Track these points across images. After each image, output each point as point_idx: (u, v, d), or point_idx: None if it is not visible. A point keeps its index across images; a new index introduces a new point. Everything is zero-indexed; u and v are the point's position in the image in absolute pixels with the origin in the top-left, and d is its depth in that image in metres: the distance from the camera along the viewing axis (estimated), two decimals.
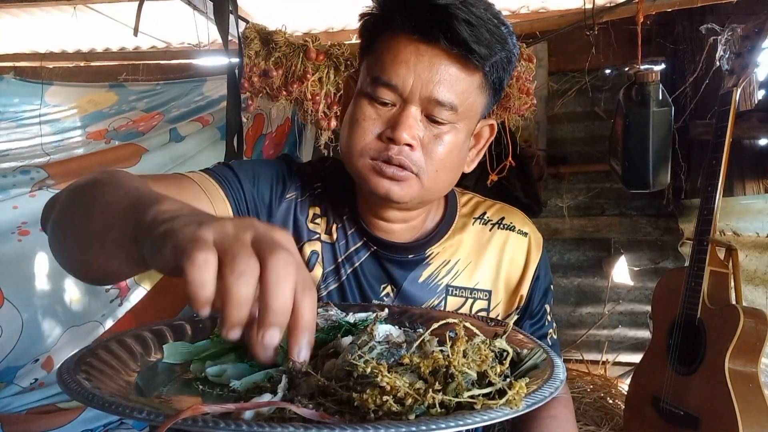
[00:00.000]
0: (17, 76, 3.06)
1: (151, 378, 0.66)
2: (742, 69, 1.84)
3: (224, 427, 0.42)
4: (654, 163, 2.17)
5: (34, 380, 2.26)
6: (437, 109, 0.81)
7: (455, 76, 0.81)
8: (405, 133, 0.80)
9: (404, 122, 0.81)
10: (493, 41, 0.80)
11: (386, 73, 0.81)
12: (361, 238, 0.97)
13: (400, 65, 0.80)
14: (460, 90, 0.81)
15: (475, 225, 1.01)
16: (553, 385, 0.54)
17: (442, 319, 0.64)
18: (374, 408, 0.46)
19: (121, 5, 2.68)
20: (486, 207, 1.04)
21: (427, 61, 0.80)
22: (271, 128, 2.81)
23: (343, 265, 0.96)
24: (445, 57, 0.80)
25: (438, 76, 0.80)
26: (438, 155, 0.84)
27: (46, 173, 2.29)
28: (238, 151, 2.13)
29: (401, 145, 0.82)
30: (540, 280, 1.02)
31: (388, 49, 0.82)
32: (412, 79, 0.80)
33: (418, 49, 0.80)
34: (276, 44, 2.29)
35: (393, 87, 0.81)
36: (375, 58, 0.84)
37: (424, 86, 0.80)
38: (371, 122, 0.83)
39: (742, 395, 1.65)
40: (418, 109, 0.82)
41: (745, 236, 2.31)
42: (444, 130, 0.84)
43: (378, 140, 0.83)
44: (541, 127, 3.23)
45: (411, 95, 0.81)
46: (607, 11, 2.33)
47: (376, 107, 0.83)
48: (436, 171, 0.85)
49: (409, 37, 0.80)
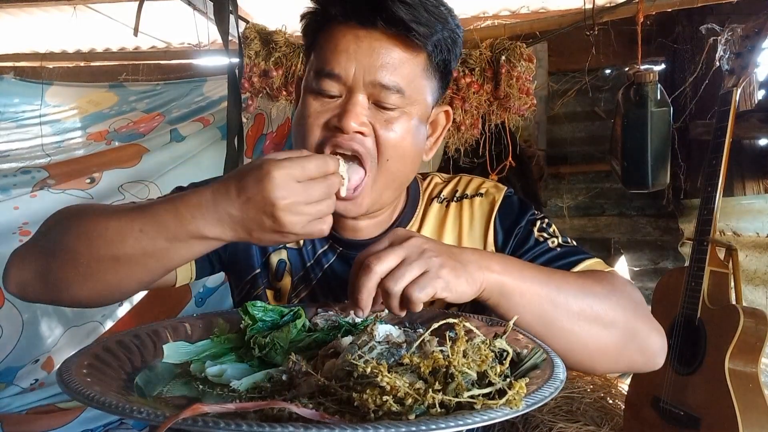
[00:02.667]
0: (17, 76, 3.06)
1: (151, 378, 0.66)
2: (742, 69, 1.84)
3: (224, 427, 0.42)
4: (653, 163, 2.17)
5: (35, 380, 2.26)
6: (384, 93, 0.80)
7: (398, 58, 0.79)
8: (352, 121, 0.79)
9: (351, 110, 0.79)
10: (432, 20, 0.78)
11: (328, 64, 0.80)
12: (327, 241, 0.97)
13: (341, 54, 0.79)
14: (405, 72, 0.80)
15: (434, 204, 0.99)
16: (553, 385, 0.54)
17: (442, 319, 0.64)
18: (374, 408, 0.46)
19: (121, 5, 2.68)
20: (442, 186, 1.02)
21: (367, 46, 0.78)
22: (271, 128, 2.81)
23: (312, 270, 0.96)
24: (386, 40, 0.79)
25: (380, 60, 0.78)
26: (390, 141, 0.82)
27: (46, 173, 2.30)
28: (239, 151, 2.13)
29: (351, 133, 0.80)
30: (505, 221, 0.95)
31: (327, 41, 0.81)
32: (354, 66, 0.79)
33: (357, 36, 0.79)
34: (276, 44, 2.29)
35: (336, 77, 0.79)
36: (317, 53, 0.83)
37: (366, 72, 0.78)
38: (318, 116, 0.82)
39: (742, 395, 1.64)
40: (365, 96, 0.80)
41: (745, 236, 2.31)
42: (394, 115, 0.82)
43: (325, 129, 0.82)
44: (541, 127, 3.23)
45: (355, 83, 0.79)
46: (607, 11, 2.33)
47: (322, 101, 0.82)
48: (388, 159, 0.83)
49: (346, 25, 0.79)
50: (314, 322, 0.78)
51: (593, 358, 0.80)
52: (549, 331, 0.75)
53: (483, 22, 2.73)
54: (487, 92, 2.29)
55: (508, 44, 2.26)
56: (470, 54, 2.28)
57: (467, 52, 2.29)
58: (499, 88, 2.25)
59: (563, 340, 0.76)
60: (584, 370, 0.83)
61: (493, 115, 2.35)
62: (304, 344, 0.72)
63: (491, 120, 2.37)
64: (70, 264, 0.73)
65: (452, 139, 2.39)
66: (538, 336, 0.75)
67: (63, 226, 0.76)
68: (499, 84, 2.25)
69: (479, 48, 2.28)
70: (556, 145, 3.36)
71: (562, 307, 0.75)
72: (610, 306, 0.78)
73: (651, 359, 0.83)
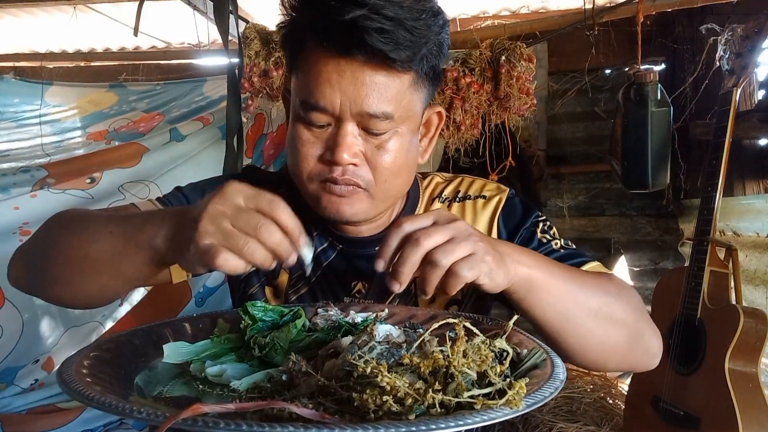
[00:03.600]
0: (17, 76, 3.06)
1: (151, 378, 0.66)
2: (742, 69, 1.84)
3: (224, 427, 0.42)
4: (653, 163, 2.17)
5: (35, 380, 2.26)
6: (372, 121, 0.78)
7: (383, 84, 0.77)
8: (345, 154, 0.78)
9: (342, 143, 0.78)
10: (414, 39, 0.74)
11: (313, 96, 0.78)
12: (327, 239, 0.97)
13: (324, 85, 0.76)
14: (392, 96, 0.78)
15: (435, 204, 1.00)
16: (553, 385, 0.54)
17: (442, 319, 0.64)
18: (374, 408, 0.46)
19: (121, 5, 2.68)
20: (444, 185, 1.02)
21: (350, 76, 0.76)
22: (271, 128, 2.81)
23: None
24: (368, 68, 0.76)
25: (365, 89, 0.76)
26: (384, 165, 0.81)
27: (46, 172, 2.29)
28: (239, 151, 2.13)
29: (345, 166, 0.79)
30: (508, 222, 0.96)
31: (308, 70, 0.79)
32: (338, 98, 0.76)
33: (338, 66, 0.76)
34: (276, 44, 2.29)
35: (322, 109, 0.78)
36: (300, 78, 0.81)
37: (352, 103, 0.76)
38: (310, 146, 0.81)
39: (742, 395, 1.64)
40: (354, 124, 0.79)
41: (745, 236, 2.31)
42: (385, 138, 0.81)
43: (320, 163, 0.81)
44: (541, 127, 3.23)
45: (342, 113, 0.77)
46: (607, 11, 2.33)
47: (312, 130, 0.81)
48: (386, 180, 0.83)
49: (326, 53, 0.76)
50: (314, 322, 0.78)
51: (606, 356, 0.82)
52: (568, 327, 0.76)
53: (483, 22, 2.73)
54: (487, 92, 2.29)
55: (508, 44, 2.26)
56: (470, 54, 2.28)
57: (467, 52, 2.29)
58: (499, 88, 2.25)
59: (581, 337, 0.77)
60: (595, 368, 0.86)
61: (493, 115, 2.35)
62: (304, 344, 0.72)
63: (491, 120, 2.37)
64: (54, 262, 0.77)
65: (452, 139, 2.39)
66: (556, 333, 0.76)
67: (56, 227, 0.80)
68: (499, 84, 2.25)
69: (479, 48, 2.28)
70: (556, 145, 3.36)
71: (583, 305, 0.76)
72: (621, 306, 0.80)
73: (652, 359, 0.86)
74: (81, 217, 0.79)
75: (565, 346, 0.78)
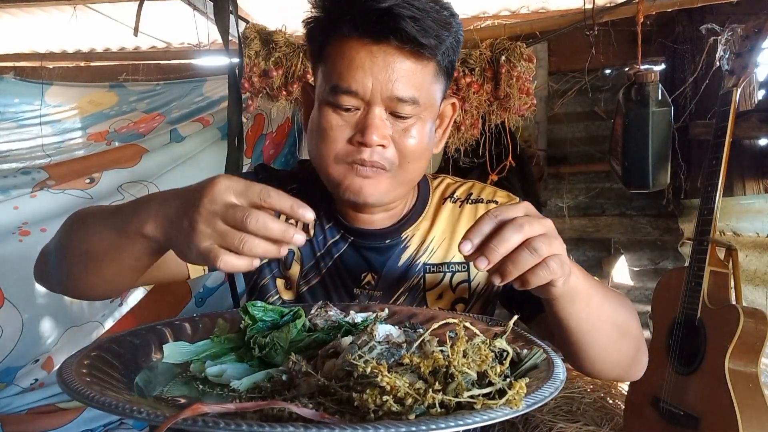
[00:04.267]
0: (17, 76, 3.06)
1: (151, 378, 0.66)
2: (742, 69, 1.84)
3: (224, 427, 0.42)
4: (654, 163, 2.17)
5: (35, 380, 2.26)
6: (400, 105, 0.83)
7: (411, 70, 0.83)
8: (375, 135, 0.82)
9: (372, 124, 0.82)
10: (439, 29, 0.81)
11: (345, 81, 0.82)
12: (338, 231, 0.99)
13: (357, 70, 0.81)
14: (418, 83, 0.84)
15: (447, 204, 1.04)
16: (553, 385, 0.54)
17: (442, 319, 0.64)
18: (374, 408, 0.46)
19: (121, 5, 2.68)
20: (456, 186, 1.07)
21: (382, 62, 0.81)
22: (271, 128, 2.81)
23: (322, 259, 0.99)
24: (398, 54, 0.81)
25: (395, 74, 0.82)
26: (409, 148, 0.86)
27: (47, 173, 2.29)
28: (239, 151, 2.13)
29: (374, 147, 0.84)
30: None
31: (341, 56, 0.83)
32: (370, 82, 0.82)
33: (370, 52, 0.81)
34: (276, 44, 2.29)
35: (354, 93, 0.82)
36: (330, 66, 0.85)
37: (383, 87, 0.82)
38: (339, 129, 0.85)
39: (742, 395, 1.64)
40: (382, 108, 0.84)
41: (745, 236, 2.31)
42: (410, 122, 0.86)
43: (349, 144, 0.85)
44: (541, 127, 3.23)
45: (373, 97, 0.82)
46: (607, 11, 2.33)
47: (340, 114, 0.85)
48: (408, 162, 0.88)
49: (359, 41, 0.82)
50: (314, 322, 0.79)
51: (615, 366, 0.85)
52: (596, 338, 0.78)
53: (483, 22, 2.73)
54: (487, 92, 2.29)
55: (508, 44, 2.26)
56: (470, 54, 2.28)
57: (467, 52, 2.29)
58: (499, 88, 2.26)
59: (603, 349, 0.80)
60: (599, 375, 0.88)
61: (493, 115, 2.35)
62: (304, 344, 0.72)
63: (491, 120, 2.37)
64: (66, 259, 0.80)
65: (452, 139, 2.39)
66: (583, 342, 0.78)
67: (68, 225, 0.82)
68: (499, 84, 2.25)
69: (479, 48, 2.28)
70: (556, 145, 3.36)
71: (610, 319, 0.79)
72: (634, 321, 0.84)
73: (641, 371, 0.91)
74: (90, 213, 0.81)
75: (585, 355, 0.80)
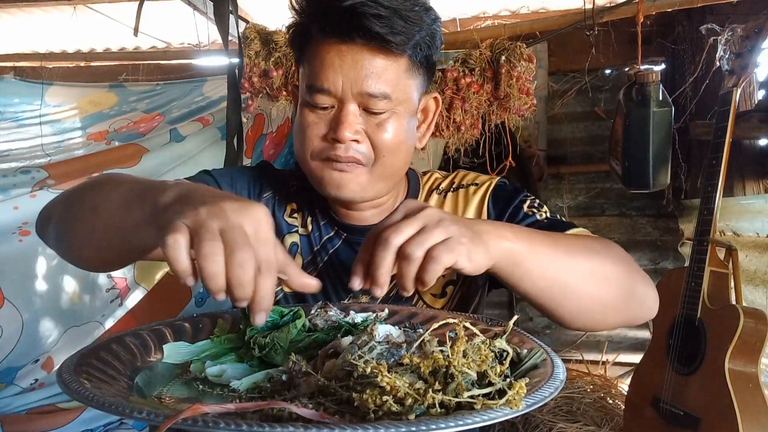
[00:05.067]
0: (17, 76, 3.06)
1: (151, 378, 0.66)
2: (742, 69, 1.84)
3: (224, 427, 0.42)
4: (654, 163, 2.17)
5: (35, 380, 2.26)
6: (372, 101, 0.85)
7: (381, 66, 0.85)
8: (347, 131, 0.85)
9: (344, 121, 0.85)
10: (407, 26, 0.83)
11: (318, 80, 0.86)
12: (333, 228, 1.02)
13: (327, 69, 0.85)
14: (390, 78, 0.85)
15: (433, 196, 1.06)
16: (553, 385, 0.54)
17: (442, 319, 0.64)
18: (374, 408, 0.46)
19: (121, 5, 2.68)
20: (441, 179, 1.09)
21: (350, 60, 0.84)
22: (271, 128, 2.81)
23: (319, 254, 1.02)
24: (367, 51, 0.84)
25: (364, 71, 0.84)
26: (385, 143, 0.88)
27: (46, 173, 2.30)
28: (239, 151, 2.13)
29: (347, 142, 0.86)
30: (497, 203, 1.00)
31: (314, 57, 0.87)
32: (341, 80, 0.84)
33: (340, 51, 0.84)
34: (276, 44, 2.29)
35: (326, 91, 0.85)
36: (307, 67, 0.89)
37: (353, 84, 0.84)
38: (315, 127, 0.88)
39: (742, 395, 1.64)
40: (355, 105, 0.86)
41: (745, 236, 2.31)
42: (384, 117, 0.87)
43: (324, 141, 0.88)
44: (541, 127, 3.23)
45: (344, 95, 0.85)
46: (607, 11, 2.33)
47: (316, 112, 0.88)
48: (384, 156, 0.89)
49: (328, 41, 0.85)
50: (314, 323, 0.79)
51: (603, 315, 0.82)
52: (562, 294, 0.76)
53: (483, 22, 2.73)
54: (487, 92, 2.29)
55: (508, 44, 2.26)
56: (470, 54, 2.28)
57: (467, 52, 2.29)
58: (499, 88, 2.25)
59: (576, 300, 0.77)
60: (594, 327, 0.86)
61: (493, 115, 2.34)
62: (304, 344, 0.72)
63: (491, 120, 2.37)
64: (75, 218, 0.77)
65: (452, 139, 2.39)
66: (551, 301, 0.76)
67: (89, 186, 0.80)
68: (499, 84, 2.25)
69: (479, 48, 2.28)
70: (556, 145, 3.36)
71: (573, 268, 0.76)
72: (611, 262, 0.80)
73: (648, 310, 0.86)
74: (113, 181, 0.77)
75: (562, 312, 0.78)
